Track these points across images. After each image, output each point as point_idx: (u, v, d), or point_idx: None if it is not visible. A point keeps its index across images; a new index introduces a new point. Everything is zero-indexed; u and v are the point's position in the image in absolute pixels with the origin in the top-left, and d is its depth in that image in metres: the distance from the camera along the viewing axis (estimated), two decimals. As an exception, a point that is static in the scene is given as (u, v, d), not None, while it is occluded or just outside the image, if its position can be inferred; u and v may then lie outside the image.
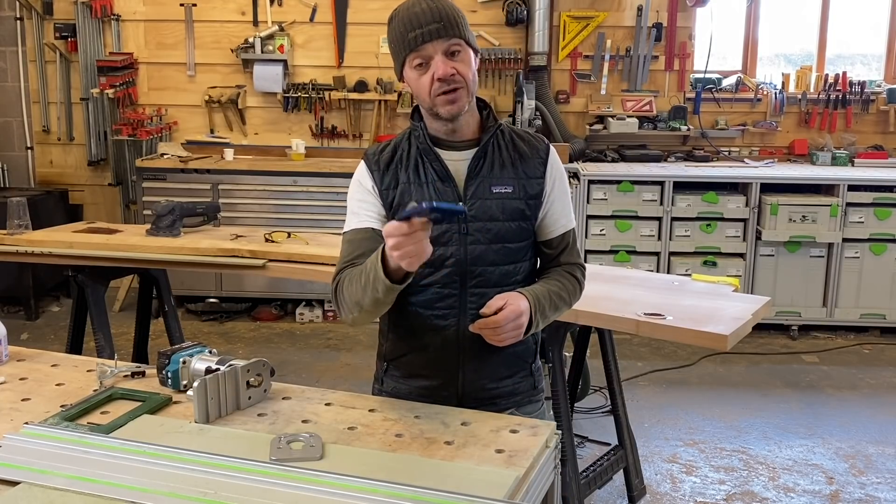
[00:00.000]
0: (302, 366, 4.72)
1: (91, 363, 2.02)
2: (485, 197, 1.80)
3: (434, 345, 1.85)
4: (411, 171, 1.82)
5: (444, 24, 1.72)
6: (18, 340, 4.83)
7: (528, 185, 1.83)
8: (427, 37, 1.72)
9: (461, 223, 1.78)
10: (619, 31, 5.77)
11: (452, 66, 1.73)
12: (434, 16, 1.72)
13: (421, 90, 1.76)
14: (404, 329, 1.88)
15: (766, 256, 5.23)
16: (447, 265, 1.80)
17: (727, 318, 2.59)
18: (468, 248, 1.80)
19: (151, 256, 3.40)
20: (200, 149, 5.79)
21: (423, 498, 1.37)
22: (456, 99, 1.74)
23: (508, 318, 1.68)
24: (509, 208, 1.81)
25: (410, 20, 1.73)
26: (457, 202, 1.78)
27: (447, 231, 1.79)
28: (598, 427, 3.85)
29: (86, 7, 5.82)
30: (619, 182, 5.20)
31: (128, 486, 1.39)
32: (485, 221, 1.79)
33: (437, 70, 1.72)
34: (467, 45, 1.76)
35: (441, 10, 1.73)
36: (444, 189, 1.80)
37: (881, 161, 5.58)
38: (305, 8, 5.83)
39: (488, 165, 1.82)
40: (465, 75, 1.74)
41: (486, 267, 1.81)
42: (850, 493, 3.39)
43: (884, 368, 4.82)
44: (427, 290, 1.82)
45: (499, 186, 1.81)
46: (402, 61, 1.77)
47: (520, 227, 1.83)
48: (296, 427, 1.66)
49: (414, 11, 1.74)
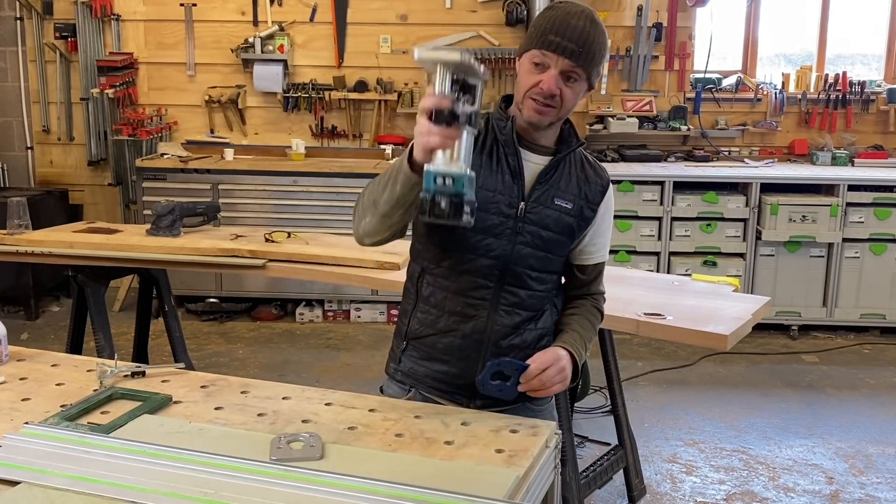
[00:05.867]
0: (302, 366, 4.72)
1: (91, 363, 2.02)
2: (546, 205, 1.83)
3: (460, 332, 1.85)
4: (485, 155, 1.83)
5: (584, 52, 1.73)
6: (18, 340, 4.83)
7: (584, 208, 1.86)
8: (560, 50, 1.72)
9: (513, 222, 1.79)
10: (619, 31, 5.77)
11: (560, 88, 1.74)
12: (580, 38, 1.72)
13: (523, 84, 1.78)
14: (434, 311, 1.87)
15: (766, 256, 5.24)
16: (490, 256, 1.81)
17: (727, 318, 2.59)
18: (516, 246, 1.82)
19: (151, 256, 3.39)
20: (200, 149, 5.78)
21: (423, 498, 1.37)
22: (542, 112, 1.77)
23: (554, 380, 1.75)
24: (563, 223, 1.85)
25: (561, 25, 1.73)
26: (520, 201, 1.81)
27: (501, 224, 1.81)
28: (598, 427, 3.85)
29: (86, 7, 5.82)
30: (619, 182, 5.20)
31: (128, 486, 1.39)
32: (539, 228, 1.83)
33: (545, 82, 1.73)
34: (587, 78, 1.77)
35: (590, 40, 1.74)
36: (512, 185, 1.82)
37: (881, 161, 5.58)
38: (305, 8, 5.83)
39: (557, 177, 1.85)
40: (567, 101, 1.77)
41: (525, 269, 1.84)
42: (850, 493, 3.39)
43: (884, 368, 4.82)
44: (464, 277, 1.83)
45: (561, 200, 1.84)
46: (528, 48, 1.77)
47: (565, 242, 1.88)
48: (296, 427, 1.66)
49: (569, 22, 1.73)
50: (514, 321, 1.85)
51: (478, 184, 1.66)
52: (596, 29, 1.75)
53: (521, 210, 1.81)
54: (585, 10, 1.76)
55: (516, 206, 1.81)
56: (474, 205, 1.53)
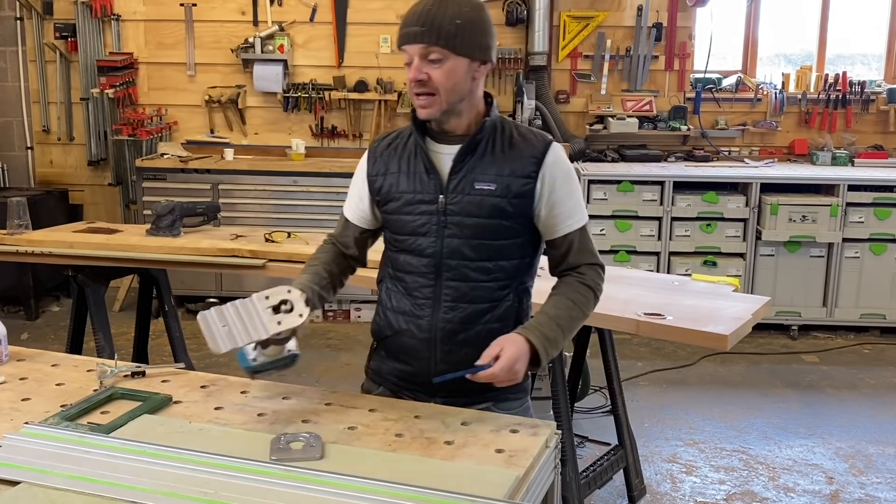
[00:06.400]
0: (302, 366, 4.67)
1: (91, 363, 2.02)
2: (466, 192, 1.80)
3: (410, 332, 1.88)
4: (403, 160, 1.85)
5: (427, 29, 1.70)
6: (18, 340, 4.83)
7: (513, 184, 1.80)
8: (406, 39, 1.73)
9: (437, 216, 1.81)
10: (619, 31, 5.77)
11: (425, 73, 1.72)
12: (420, 19, 1.71)
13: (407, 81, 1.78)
14: (390, 313, 1.92)
15: (766, 256, 5.23)
16: (423, 255, 1.84)
17: (727, 318, 2.59)
18: (445, 240, 1.81)
19: (151, 256, 3.39)
20: (200, 149, 5.78)
21: (424, 498, 1.37)
22: (427, 105, 1.75)
23: (504, 371, 1.68)
24: (489, 205, 1.80)
25: (407, 16, 1.75)
26: (439, 195, 1.81)
27: (426, 223, 1.82)
28: (598, 427, 3.85)
29: (86, 7, 5.82)
30: (619, 182, 5.20)
31: (128, 486, 1.39)
32: (464, 217, 1.80)
33: (409, 72, 1.74)
34: (453, 53, 1.72)
35: (430, 16, 1.71)
36: (428, 181, 1.82)
37: (881, 161, 5.58)
38: (305, 8, 5.83)
39: (475, 160, 1.81)
40: (440, 84, 1.73)
41: (462, 261, 1.82)
42: (850, 493, 3.39)
43: (884, 368, 4.82)
44: (408, 277, 1.87)
45: (482, 183, 1.80)
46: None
47: (500, 224, 1.81)
48: (296, 427, 1.66)
49: (414, 10, 1.74)
50: (460, 316, 1.83)
51: (398, 188, 1.83)
52: (441, 4, 1.71)
53: (442, 203, 1.80)
54: None
55: (436, 200, 1.81)
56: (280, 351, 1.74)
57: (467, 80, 1.77)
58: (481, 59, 1.78)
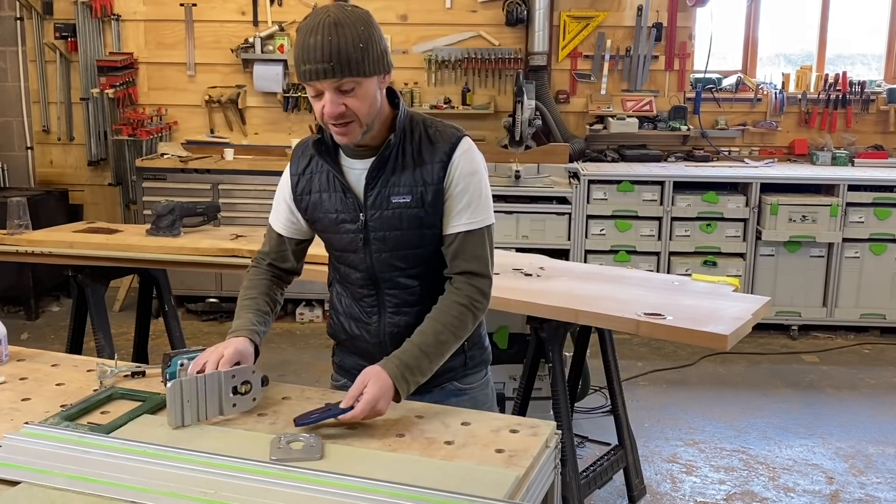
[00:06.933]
0: (302, 366, 4.72)
1: (91, 363, 2.02)
2: (384, 207, 1.78)
3: (363, 337, 1.93)
4: (323, 179, 1.85)
5: (335, 64, 1.62)
6: (18, 340, 4.83)
7: (425, 193, 1.77)
8: (316, 75, 1.64)
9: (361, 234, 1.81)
10: (619, 31, 5.77)
11: (342, 104, 1.66)
12: (324, 54, 1.61)
13: (316, 113, 1.72)
14: (342, 317, 1.97)
15: (766, 256, 5.23)
16: (358, 269, 1.86)
17: (727, 318, 2.59)
18: (373, 255, 1.83)
19: (151, 256, 3.39)
20: (200, 149, 5.78)
21: (423, 498, 1.37)
22: (346, 133, 1.71)
23: (364, 413, 1.62)
24: (407, 217, 1.78)
25: (304, 51, 1.64)
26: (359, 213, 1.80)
27: (353, 241, 1.83)
28: (598, 427, 3.85)
29: (86, 7, 5.82)
30: (619, 182, 5.20)
31: (128, 486, 1.39)
32: (385, 231, 1.80)
33: (326, 108, 1.67)
34: (366, 76, 1.66)
35: (334, 48, 1.62)
36: (346, 200, 1.81)
37: (881, 161, 5.58)
38: (305, 8, 5.82)
39: (387, 174, 1.77)
40: (358, 110, 1.68)
41: (393, 272, 1.84)
42: (850, 493, 3.39)
43: (884, 368, 4.82)
44: (350, 287, 1.91)
45: (398, 196, 1.77)
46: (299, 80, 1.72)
47: (422, 234, 1.80)
48: (296, 427, 1.66)
49: (308, 43, 1.63)
50: (406, 320, 1.87)
51: (322, 208, 1.85)
52: (338, 32, 1.62)
53: (362, 221, 1.80)
54: (322, 18, 1.64)
55: (357, 219, 1.80)
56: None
57: (378, 97, 1.72)
58: (385, 71, 1.72)
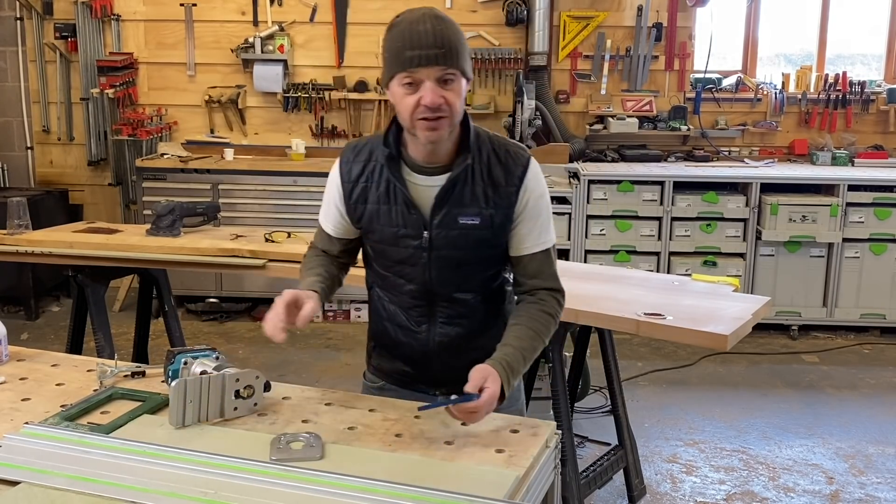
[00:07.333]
0: (302, 366, 4.72)
1: (91, 363, 2.02)
2: (450, 227, 1.77)
3: (409, 345, 1.92)
4: (381, 191, 1.80)
5: (445, 51, 1.64)
6: (18, 340, 4.83)
7: (495, 216, 1.77)
8: (424, 61, 1.63)
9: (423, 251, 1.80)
10: (619, 31, 5.77)
11: (442, 95, 1.65)
12: (436, 41, 1.63)
13: (404, 109, 1.69)
14: (386, 323, 1.95)
15: (766, 256, 5.23)
16: (413, 283, 1.85)
17: (727, 318, 2.59)
18: (433, 271, 1.82)
19: (151, 256, 3.39)
20: (200, 149, 5.78)
21: (423, 498, 1.37)
22: (437, 127, 1.67)
23: (488, 406, 1.61)
24: (473, 238, 1.78)
25: (411, 38, 1.64)
26: (423, 230, 1.78)
27: (413, 255, 1.81)
28: (598, 427, 3.85)
29: (86, 7, 5.82)
30: (619, 182, 5.20)
31: (128, 486, 1.39)
32: (449, 250, 1.79)
33: (426, 97, 1.64)
34: (462, 74, 1.69)
35: (444, 36, 1.64)
36: (410, 216, 1.78)
37: (881, 161, 5.58)
38: (305, 8, 5.83)
39: (457, 195, 1.76)
40: (453, 105, 1.67)
41: (450, 287, 1.84)
42: (850, 493, 3.39)
43: (884, 368, 4.82)
44: (400, 297, 1.89)
45: (466, 217, 1.76)
46: (392, 75, 1.69)
47: (486, 254, 1.81)
48: (296, 427, 1.66)
49: (417, 30, 1.64)
50: (458, 332, 1.88)
51: (380, 220, 1.81)
52: (445, 24, 1.66)
53: (426, 239, 1.78)
54: (426, 11, 1.67)
55: (420, 236, 1.79)
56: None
57: (464, 100, 1.73)
58: (469, 78, 1.74)
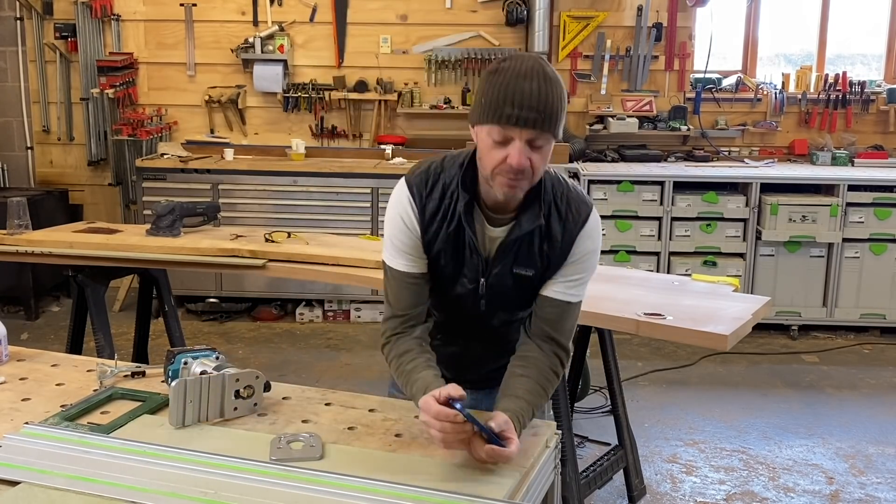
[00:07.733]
0: (302, 366, 4.72)
1: (91, 363, 2.02)
2: (505, 274, 1.79)
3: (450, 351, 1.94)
4: (451, 231, 1.76)
5: (545, 116, 1.57)
6: (18, 340, 4.83)
7: (547, 272, 1.79)
8: (521, 122, 1.57)
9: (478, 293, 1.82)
10: (619, 31, 5.77)
11: (529, 158, 1.60)
12: (539, 104, 1.56)
13: (488, 161, 1.64)
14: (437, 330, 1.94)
15: (766, 256, 5.23)
16: (462, 316, 1.89)
17: (727, 318, 2.59)
18: (481, 310, 1.86)
19: (151, 256, 3.39)
20: (200, 149, 5.78)
21: (423, 498, 1.37)
22: (517, 186, 1.64)
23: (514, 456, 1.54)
24: (524, 286, 1.81)
25: (514, 94, 1.57)
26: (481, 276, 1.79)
27: (466, 295, 1.84)
28: (598, 427, 3.85)
29: (86, 7, 5.82)
30: (619, 182, 5.20)
31: (128, 486, 1.39)
32: (501, 293, 1.82)
33: (513, 157, 1.59)
34: (555, 138, 1.63)
35: (548, 101, 1.57)
36: (471, 261, 1.79)
37: (881, 161, 5.58)
38: (305, 8, 5.83)
39: (518, 250, 1.77)
40: (537, 169, 1.63)
41: (495, 321, 1.90)
42: (850, 493, 3.39)
43: (884, 368, 4.82)
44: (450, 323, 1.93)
45: (521, 269, 1.78)
46: (483, 121, 1.62)
47: (532, 296, 1.83)
48: (296, 427, 1.66)
49: (522, 87, 1.57)
50: (489, 352, 1.96)
51: (441, 257, 1.77)
52: (550, 85, 1.58)
53: (483, 285, 1.80)
54: (535, 66, 1.60)
55: (477, 280, 1.80)
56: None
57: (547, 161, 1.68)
58: (559, 139, 1.69)
